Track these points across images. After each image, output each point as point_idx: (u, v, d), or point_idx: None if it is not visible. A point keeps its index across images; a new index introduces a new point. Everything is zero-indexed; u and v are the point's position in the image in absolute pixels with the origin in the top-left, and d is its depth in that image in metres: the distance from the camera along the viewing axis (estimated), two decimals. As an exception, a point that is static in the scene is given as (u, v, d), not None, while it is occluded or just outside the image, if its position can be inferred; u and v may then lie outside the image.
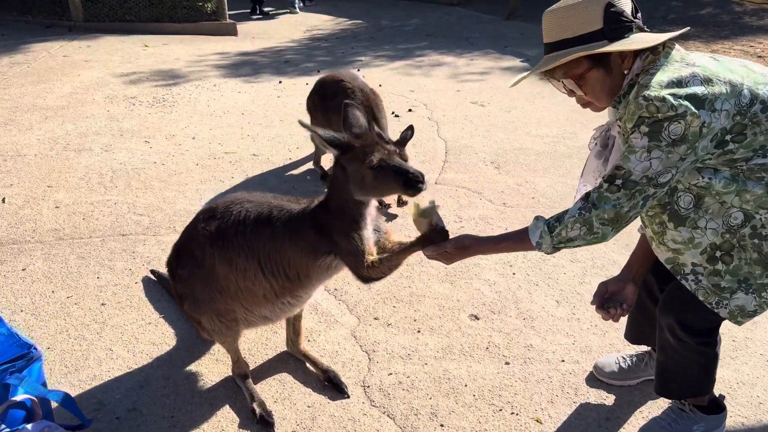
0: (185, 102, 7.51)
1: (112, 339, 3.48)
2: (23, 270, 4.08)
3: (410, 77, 8.81)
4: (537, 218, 2.38)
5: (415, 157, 5.86)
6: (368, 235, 2.69)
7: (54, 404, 2.65)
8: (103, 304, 3.77)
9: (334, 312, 3.73)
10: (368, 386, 3.17)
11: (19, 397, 2.50)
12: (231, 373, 3.18)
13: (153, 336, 3.52)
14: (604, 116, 2.58)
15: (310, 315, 3.70)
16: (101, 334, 3.52)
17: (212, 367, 3.30)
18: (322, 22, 12.97)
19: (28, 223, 4.64)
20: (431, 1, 14.96)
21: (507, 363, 3.34)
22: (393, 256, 2.64)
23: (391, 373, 3.26)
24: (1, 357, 2.55)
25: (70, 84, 7.99)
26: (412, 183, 2.45)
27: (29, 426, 2.46)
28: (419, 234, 2.64)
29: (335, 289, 3.91)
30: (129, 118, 6.89)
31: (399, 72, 9.11)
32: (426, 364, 3.32)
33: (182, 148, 6.11)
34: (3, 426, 2.45)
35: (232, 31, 11.63)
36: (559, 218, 2.30)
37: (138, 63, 9.20)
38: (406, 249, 2.63)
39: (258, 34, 11.82)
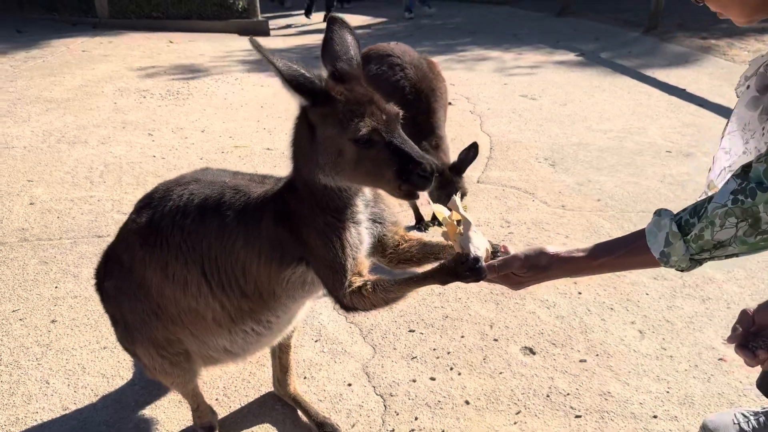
0: (201, 95, 6.79)
1: (53, 368, 2.68)
2: (-30, 276, 3.34)
3: (451, 71, 7.91)
4: (658, 213, 1.48)
5: (454, 154, 4.96)
6: (357, 237, 1.77)
7: None
8: (53, 321, 2.98)
9: (341, 338, 2.86)
10: (380, 447, 2.28)
11: None
12: (193, 424, 2.34)
13: (105, 365, 2.70)
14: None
15: (310, 341, 2.83)
16: (41, 360, 2.72)
17: (172, 413, 2.45)
18: (359, 22, 12.22)
19: (-6, 221, 3.92)
20: (476, 0, 14.09)
21: (578, 416, 2.40)
22: (394, 286, 1.70)
23: (413, 429, 2.36)
24: None
25: (82, 77, 7.38)
26: (410, 175, 1.57)
27: None
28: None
29: (347, 309, 3.04)
30: (136, 110, 6.20)
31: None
32: (462, 417, 2.41)
33: (188, 142, 5.36)
34: None
35: (263, 29, 10.94)
36: (697, 211, 1.39)
37: (159, 58, 8.57)
38: (415, 280, 1.67)
39: (287, 33, 11.16)
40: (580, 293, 3.17)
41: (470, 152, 3.45)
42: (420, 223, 3.95)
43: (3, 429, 2.36)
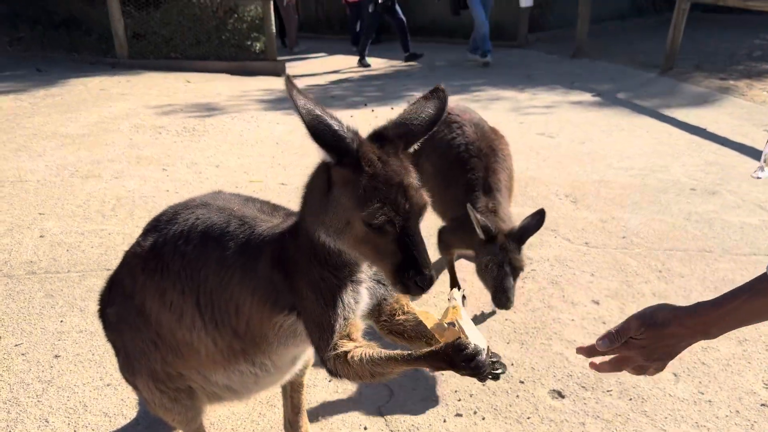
0: (216, 131, 6.77)
1: (53, 406, 2.54)
2: (-26, 309, 3.23)
3: (467, 111, 7.89)
4: None
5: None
6: (353, 297, 1.63)
7: None
8: (56, 356, 2.86)
9: (358, 378, 2.70)
10: (400, 496, 2.11)
11: None
12: (200, 466, 2.18)
13: (107, 403, 2.56)
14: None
15: (323, 381, 2.68)
16: (41, 397, 2.59)
17: (177, 455, 2.30)
18: (374, 64, 12.32)
19: (2, 254, 3.83)
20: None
21: (612, 468, 2.22)
22: (382, 361, 1.53)
23: (434, 477, 2.19)
24: None
25: (98, 114, 7.40)
26: (407, 279, 1.43)
27: None
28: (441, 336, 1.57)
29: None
30: (151, 146, 6.17)
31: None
32: None
33: (202, 177, 5.30)
34: None
35: (280, 71, 11.02)
36: None
37: (176, 97, 8.61)
38: (406, 359, 1.50)
39: (304, 73, 11.24)
40: (608, 333, 3.00)
41: (535, 219, 2.96)
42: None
43: (-3, 470, 2.22)
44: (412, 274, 1.42)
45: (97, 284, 3.43)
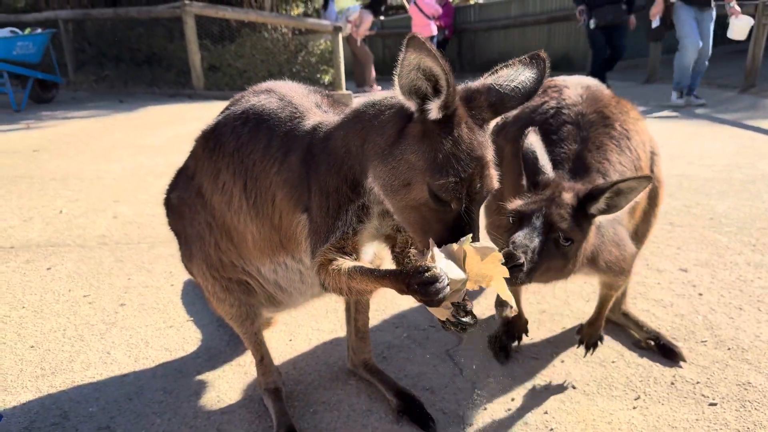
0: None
1: (116, 342, 2.50)
2: (48, 269, 3.27)
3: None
4: None
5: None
6: (359, 215, 1.51)
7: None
8: (122, 305, 2.84)
9: (423, 325, 2.55)
10: (469, 424, 1.92)
11: None
12: (257, 386, 2.07)
13: (169, 341, 2.50)
14: None
15: (390, 326, 2.54)
16: (104, 335, 2.56)
17: (236, 382, 2.20)
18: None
19: (77, 230, 3.92)
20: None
21: (712, 404, 1.97)
22: (358, 276, 1.41)
23: (509, 409, 2.00)
24: None
25: (174, 131, 7.68)
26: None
27: None
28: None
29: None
30: (222, 153, 6.32)
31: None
32: (569, 400, 2.03)
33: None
34: None
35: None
36: None
37: (247, 119, 8.89)
38: (376, 276, 1.36)
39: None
40: (701, 294, 2.74)
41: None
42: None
43: (56, 388, 2.17)
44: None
45: (165, 252, 3.47)
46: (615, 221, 1.97)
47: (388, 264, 1.73)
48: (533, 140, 1.88)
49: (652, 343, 2.29)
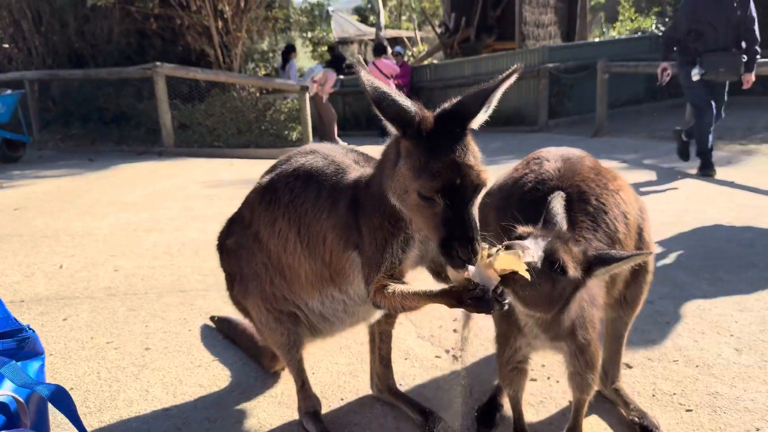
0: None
1: (151, 381, 2.72)
2: (64, 320, 3.46)
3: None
4: None
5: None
6: (403, 245, 1.83)
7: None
8: (147, 349, 3.05)
9: (430, 356, 2.85)
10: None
11: (1, 393, 1.76)
12: (297, 415, 2.33)
13: (201, 379, 2.73)
14: None
15: (399, 359, 2.83)
16: (138, 376, 2.77)
17: (273, 411, 2.45)
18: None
19: (82, 282, 4.10)
20: (511, 130, 14.76)
21: (689, 410, 2.32)
22: (411, 296, 1.75)
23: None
24: (-20, 331, 1.86)
25: (152, 187, 7.88)
26: (450, 250, 1.59)
27: (5, 434, 1.69)
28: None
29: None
30: (206, 208, 6.55)
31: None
32: (568, 411, 2.35)
33: (257, 227, 5.60)
34: (-32, 430, 1.68)
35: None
36: None
37: (221, 175, 9.12)
38: (428, 296, 1.71)
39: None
40: (668, 322, 3.14)
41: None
42: None
43: (108, 424, 2.38)
44: (456, 246, 1.55)
45: (175, 301, 3.69)
46: (593, 295, 1.99)
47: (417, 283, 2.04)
48: (557, 204, 1.98)
49: (637, 421, 2.25)
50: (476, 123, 1.68)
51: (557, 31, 19.86)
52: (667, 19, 16.02)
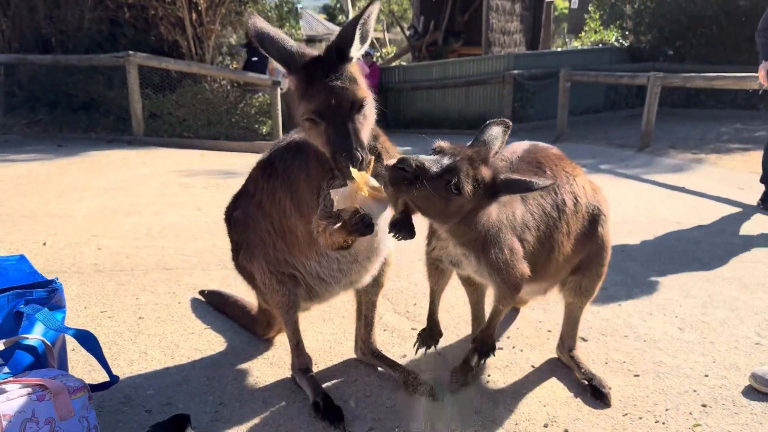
0: (240, 185, 7.31)
1: (148, 345, 2.92)
2: (55, 292, 3.60)
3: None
4: None
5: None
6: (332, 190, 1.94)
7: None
8: (140, 318, 3.24)
9: (404, 327, 3.12)
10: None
11: (32, 336, 1.96)
12: (290, 373, 2.57)
13: (196, 343, 2.94)
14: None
15: (379, 330, 3.09)
16: (135, 341, 2.96)
17: (266, 370, 2.68)
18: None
19: (68, 259, 4.24)
20: (464, 133, 15.10)
21: (636, 375, 2.64)
22: (334, 232, 1.98)
23: (489, 381, 2.59)
24: (16, 281, 2.05)
25: (125, 174, 7.96)
26: (336, 161, 1.83)
27: (39, 372, 1.90)
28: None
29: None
30: (181, 195, 6.70)
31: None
32: (529, 377, 2.65)
33: (235, 214, 5.78)
34: (4, 367, 1.88)
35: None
36: None
37: (193, 165, 9.23)
38: (337, 230, 1.96)
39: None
40: (620, 305, 3.47)
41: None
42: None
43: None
44: (339, 152, 1.78)
45: (162, 278, 3.86)
46: (520, 232, 2.20)
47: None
48: (496, 130, 2.16)
49: (586, 382, 2.52)
50: (354, 51, 1.90)
51: (522, 39, 20.43)
52: (627, 33, 16.64)
